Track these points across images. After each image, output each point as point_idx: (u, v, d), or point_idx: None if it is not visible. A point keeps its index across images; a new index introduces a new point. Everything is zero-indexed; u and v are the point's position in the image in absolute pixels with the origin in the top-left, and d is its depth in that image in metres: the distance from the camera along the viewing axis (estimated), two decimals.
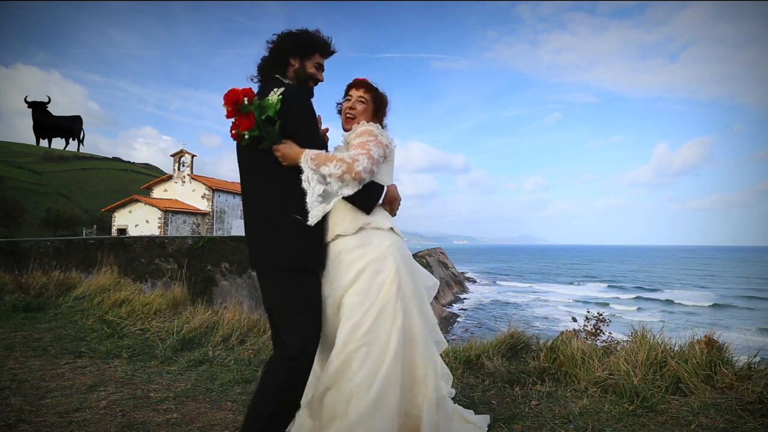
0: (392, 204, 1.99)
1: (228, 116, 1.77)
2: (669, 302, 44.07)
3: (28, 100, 51.70)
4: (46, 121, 53.94)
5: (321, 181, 1.79)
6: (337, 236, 1.95)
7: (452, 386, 2.96)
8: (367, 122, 2.11)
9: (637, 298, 48.30)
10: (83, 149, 61.68)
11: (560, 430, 2.33)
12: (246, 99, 1.75)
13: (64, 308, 5.40)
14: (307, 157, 1.79)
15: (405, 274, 1.92)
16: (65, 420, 2.46)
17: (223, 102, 1.76)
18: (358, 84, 2.17)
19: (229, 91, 1.74)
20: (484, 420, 2.38)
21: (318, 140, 1.92)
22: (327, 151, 1.93)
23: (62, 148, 59.44)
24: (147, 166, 70.94)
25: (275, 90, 1.80)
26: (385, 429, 1.76)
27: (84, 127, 58.85)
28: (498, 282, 70.80)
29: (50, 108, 53.67)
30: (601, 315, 4.56)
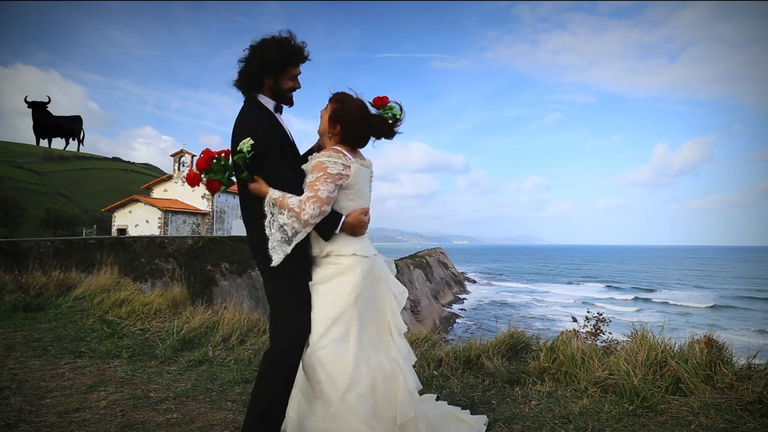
0: (354, 230, 2.05)
1: (194, 184, 2.00)
2: (668, 303, 44.07)
3: (28, 100, 51.74)
4: (46, 121, 53.89)
5: (279, 229, 1.96)
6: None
7: (453, 386, 2.96)
8: (328, 146, 2.09)
9: (636, 298, 48.30)
10: (83, 149, 61.68)
11: (560, 430, 2.33)
12: (203, 175, 1.96)
13: (64, 308, 5.40)
14: (270, 201, 1.97)
15: (364, 287, 2.03)
16: (65, 420, 2.46)
17: (196, 167, 1.96)
18: (331, 96, 2.13)
19: (188, 176, 1.98)
20: (480, 420, 2.37)
21: (283, 175, 2.01)
22: (292, 182, 2.03)
23: (62, 148, 59.41)
24: (147, 166, 70.92)
25: (246, 140, 1.88)
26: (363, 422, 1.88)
27: (84, 127, 58.86)
28: (498, 282, 70.80)
29: (50, 108, 53.69)
30: (601, 315, 4.55)
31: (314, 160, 2.02)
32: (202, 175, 1.96)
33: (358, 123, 2.07)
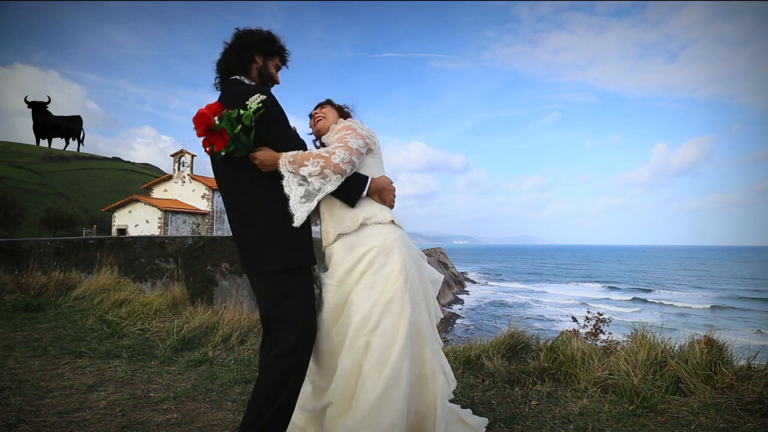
0: (381, 193, 1.93)
1: (199, 136, 1.74)
2: (667, 303, 44.08)
3: (28, 100, 51.73)
4: (46, 121, 53.93)
5: (302, 183, 1.79)
6: (339, 236, 1.94)
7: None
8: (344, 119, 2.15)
9: (635, 299, 48.30)
10: (83, 149, 61.67)
11: (560, 430, 2.33)
12: (217, 118, 1.69)
13: (64, 308, 5.40)
14: (285, 161, 1.79)
15: (411, 266, 1.90)
16: (65, 420, 2.46)
17: (193, 126, 1.71)
18: (319, 105, 2.24)
19: (198, 114, 1.69)
20: (482, 423, 2.35)
21: (296, 141, 1.91)
22: (306, 149, 1.90)
23: (62, 148, 59.43)
24: (147, 166, 70.93)
25: (256, 96, 1.74)
26: (392, 425, 1.72)
27: (83, 127, 58.86)
28: (498, 282, 70.80)
29: (49, 108, 53.70)
30: (601, 315, 4.55)
31: (339, 125, 2.05)
32: (215, 119, 1.68)
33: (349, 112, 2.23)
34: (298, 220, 1.77)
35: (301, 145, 1.90)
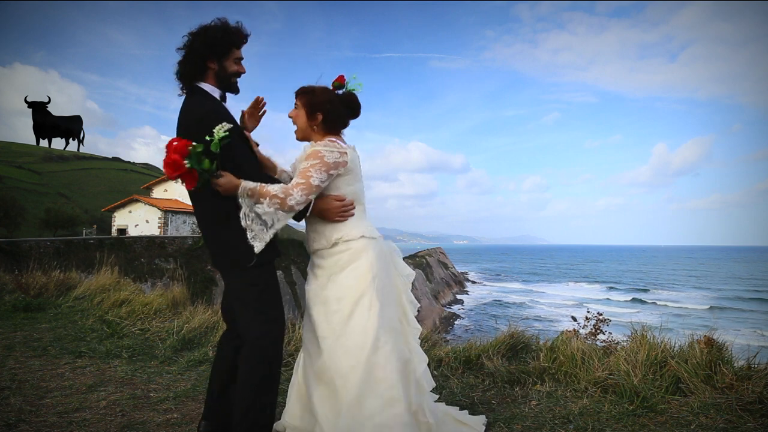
0: (323, 214, 2.00)
1: (172, 179, 1.80)
2: (667, 303, 44.08)
3: (28, 100, 51.72)
4: (46, 121, 53.92)
5: (256, 220, 1.88)
6: (316, 250, 2.09)
7: (453, 386, 2.96)
8: (320, 137, 2.06)
9: (635, 299, 48.31)
10: (83, 149, 61.67)
11: (560, 430, 2.33)
12: (187, 161, 1.69)
13: (64, 308, 5.40)
14: (244, 193, 1.85)
15: (379, 267, 2.02)
16: (65, 420, 2.46)
17: (165, 171, 1.72)
18: (296, 92, 2.09)
19: (169, 161, 1.67)
20: (479, 420, 2.36)
21: (253, 164, 1.99)
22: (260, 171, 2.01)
23: (62, 148, 59.42)
24: (147, 166, 70.92)
25: (221, 126, 1.74)
26: (379, 410, 1.84)
27: (83, 127, 58.85)
28: (498, 282, 70.80)
29: (49, 108, 53.70)
30: (601, 315, 4.55)
31: (310, 149, 2.00)
32: (186, 161, 1.68)
33: (334, 103, 2.06)
34: (258, 248, 1.87)
35: (257, 168, 2.02)
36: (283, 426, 2.15)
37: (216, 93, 1.97)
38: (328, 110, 2.04)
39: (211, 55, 1.91)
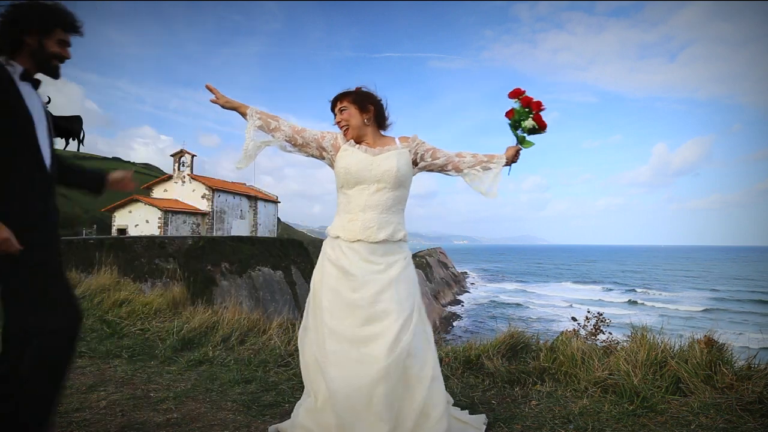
0: None
1: None
2: (667, 303, 44.10)
3: None
4: None
5: None
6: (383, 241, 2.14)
7: (453, 386, 2.96)
8: (373, 132, 2.14)
9: (634, 300, 48.32)
10: (83, 149, 61.60)
11: (560, 430, 2.33)
12: None
13: None
14: None
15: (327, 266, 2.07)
16: (65, 420, 2.46)
17: None
18: (336, 98, 2.14)
19: None
20: (480, 419, 2.36)
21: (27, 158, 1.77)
22: None
23: (62, 148, 59.30)
24: (147, 166, 70.92)
25: None
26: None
27: (83, 127, 58.75)
28: (498, 282, 70.81)
29: (49, 108, 53.52)
30: (601, 315, 4.56)
31: (401, 142, 2.17)
32: None
33: (375, 102, 2.13)
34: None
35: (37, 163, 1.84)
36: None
37: (19, 70, 1.73)
38: (378, 102, 2.12)
39: (30, 30, 1.71)
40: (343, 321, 1.95)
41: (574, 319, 4.71)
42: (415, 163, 2.16)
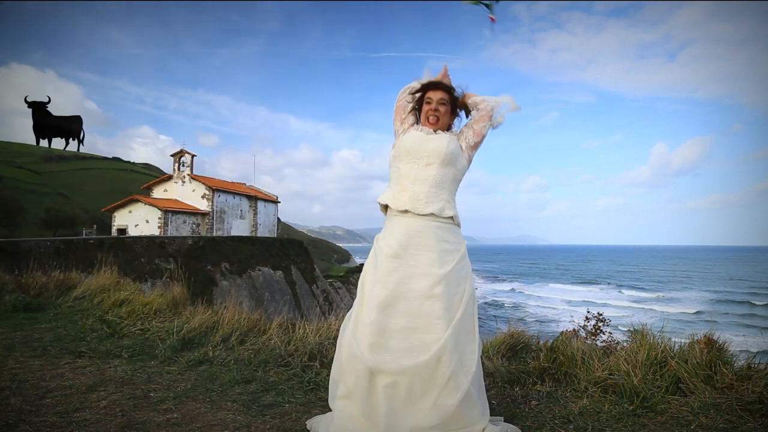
0: None
1: None
2: (667, 303, 44.07)
3: (27, 100, 51.70)
4: (45, 121, 53.89)
5: None
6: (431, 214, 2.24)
7: None
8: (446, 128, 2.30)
9: (634, 299, 48.29)
10: (83, 149, 61.67)
11: (560, 430, 2.33)
12: None
13: (64, 308, 5.39)
14: None
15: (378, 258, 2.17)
16: (65, 420, 2.46)
17: None
18: (435, 86, 2.30)
19: None
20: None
21: None
22: None
23: (62, 148, 59.39)
24: (147, 166, 70.92)
25: None
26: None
27: (83, 127, 58.82)
28: (498, 282, 70.78)
29: (48, 108, 53.63)
30: (601, 315, 4.56)
31: (457, 132, 2.36)
32: None
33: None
34: None
35: None
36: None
37: None
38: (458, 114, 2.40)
39: None
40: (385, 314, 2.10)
41: (573, 319, 4.71)
42: (461, 149, 2.31)
